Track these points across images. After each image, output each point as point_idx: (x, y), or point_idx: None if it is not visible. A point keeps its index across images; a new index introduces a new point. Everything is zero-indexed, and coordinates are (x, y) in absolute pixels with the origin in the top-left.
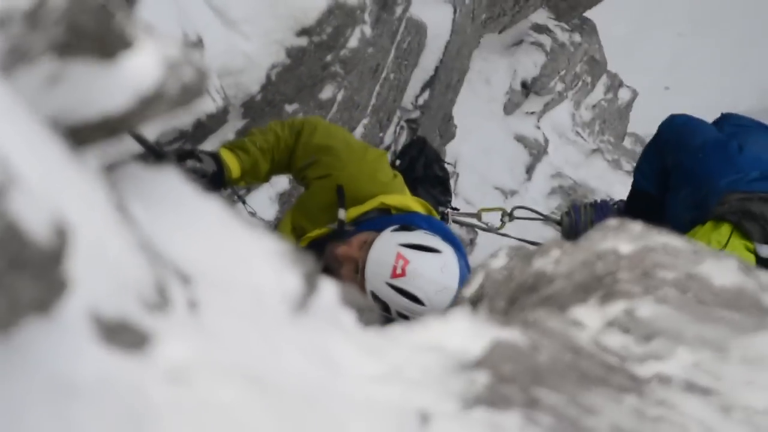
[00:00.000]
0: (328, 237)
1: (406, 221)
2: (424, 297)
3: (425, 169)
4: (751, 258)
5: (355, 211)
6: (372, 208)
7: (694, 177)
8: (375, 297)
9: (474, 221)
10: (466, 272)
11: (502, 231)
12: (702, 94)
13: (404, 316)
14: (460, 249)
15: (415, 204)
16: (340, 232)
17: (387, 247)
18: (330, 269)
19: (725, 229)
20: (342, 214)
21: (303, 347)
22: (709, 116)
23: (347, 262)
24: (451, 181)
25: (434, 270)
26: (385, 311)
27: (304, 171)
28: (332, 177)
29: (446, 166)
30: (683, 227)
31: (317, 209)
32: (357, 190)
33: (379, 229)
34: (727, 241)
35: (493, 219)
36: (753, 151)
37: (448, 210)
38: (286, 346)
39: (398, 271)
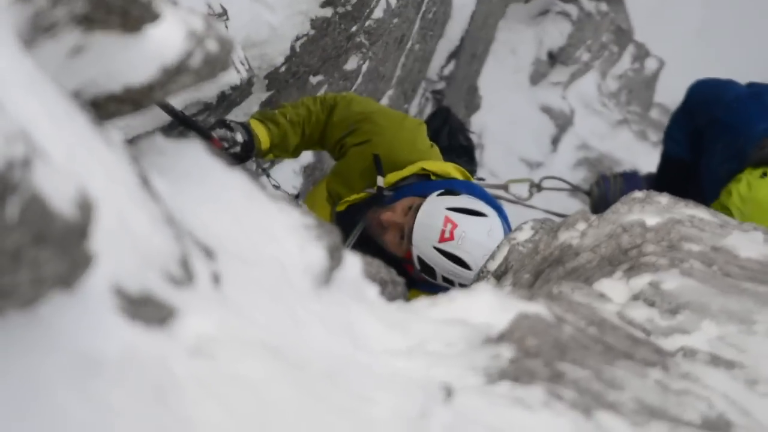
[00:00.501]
0: (366, 202)
1: (448, 186)
2: (472, 261)
3: (450, 138)
4: None
5: (394, 177)
6: (411, 173)
7: (730, 128)
8: (421, 262)
9: (500, 192)
10: None
11: (528, 203)
12: (729, 63)
13: (449, 282)
14: (503, 213)
15: (454, 170)
16: (379, 197)
17: (434, 211)
18: (371, 234)
19: (762, 171)
20: (380, 180)
21: (327, 321)
22: None
23: (392, 228)
24: (477, 152)
25: (482, 234)
26: (431, 276)
27: (343, 140)
28: (372, 143)
29: (470, 136)
30: (720, 182)
31: (355, 175)
32: (396, 156)
33: (421, 194)
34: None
35: (521, 190)
36: None
37: (475, 180)
38: (310, 320)
39: (446, 235)
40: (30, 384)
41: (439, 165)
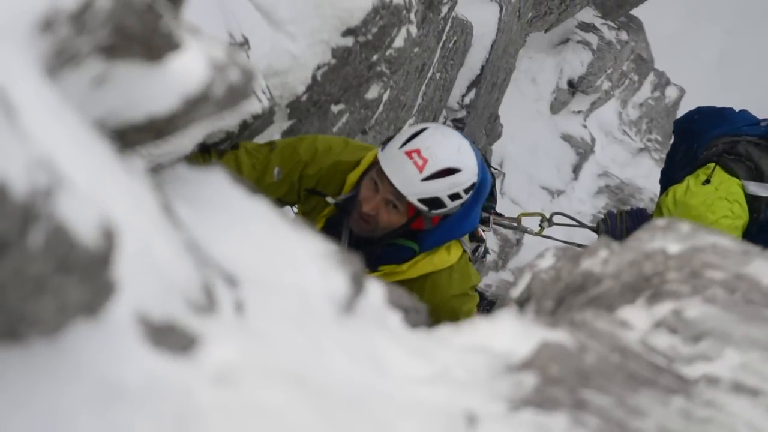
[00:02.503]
0: (338, 212)
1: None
2: (456, 162)
3: None
4: (740, 193)
5: (354, 176)
6: (368, 163)
7: (688, 135)
8: (425, 202)
9: (514, 225)
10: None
11: (548, 234)
12: (750, 92)
13: (456, 196)
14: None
15: None
16: (345, 202)
17: (395, 160)
18: (366, 234)
19: (710, 167)
20: (331, 200)
21: (349, 349)
22: (757, 114)
23: (379, 207)
24: (498, 181)
25: (438, 138)
26: (440, 207)
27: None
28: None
29: (493, 170)
30: None
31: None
32: (347, 159)
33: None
34: (712, 173)
35: (533, 224)
36: (749, 114)
37: (490, 214)
38: (333, 348)
39: (420, 163)
40: (53, 411)
41: None
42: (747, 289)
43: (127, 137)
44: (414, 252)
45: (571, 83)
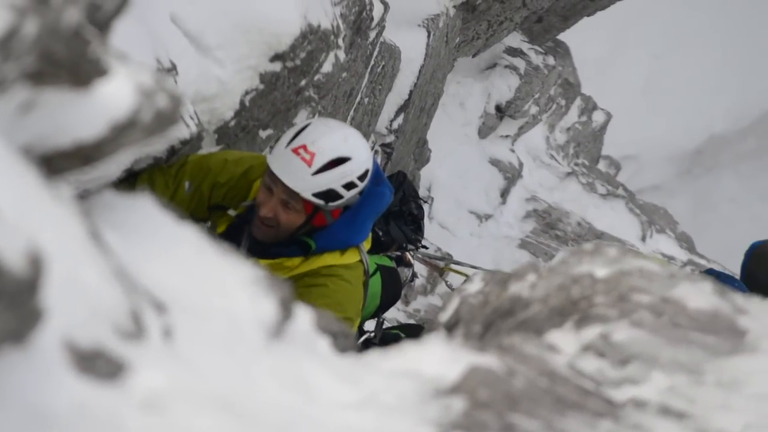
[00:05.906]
0: (239, 220)
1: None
2: (345, 151)
3: (401, 204)
4: None
5: (260, 182)
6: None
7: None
8: (320, 195)
9: (434, 263)
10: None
11: (477, 264)
12: (677, 116)
13: (351, 186)
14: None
15: None
16: (248, 209)
17: (283, 159)
18: (271, 238)
19: None
20: (233, 211)
21: (278, 374)
22: (683, 139)
23: (275, 209)
24: (426, 206)
25: (322, 131)
26: (336, 199)
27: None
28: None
29: (420, 201)
30: None
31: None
32: (235, 183)
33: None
34: None
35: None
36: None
37: (410, 251)
38: (262, 373)
39: (308, 158)
40: None
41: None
42: (673, 313)
43: (54, 163)
44: (308, 247)
45: (498, 108)
